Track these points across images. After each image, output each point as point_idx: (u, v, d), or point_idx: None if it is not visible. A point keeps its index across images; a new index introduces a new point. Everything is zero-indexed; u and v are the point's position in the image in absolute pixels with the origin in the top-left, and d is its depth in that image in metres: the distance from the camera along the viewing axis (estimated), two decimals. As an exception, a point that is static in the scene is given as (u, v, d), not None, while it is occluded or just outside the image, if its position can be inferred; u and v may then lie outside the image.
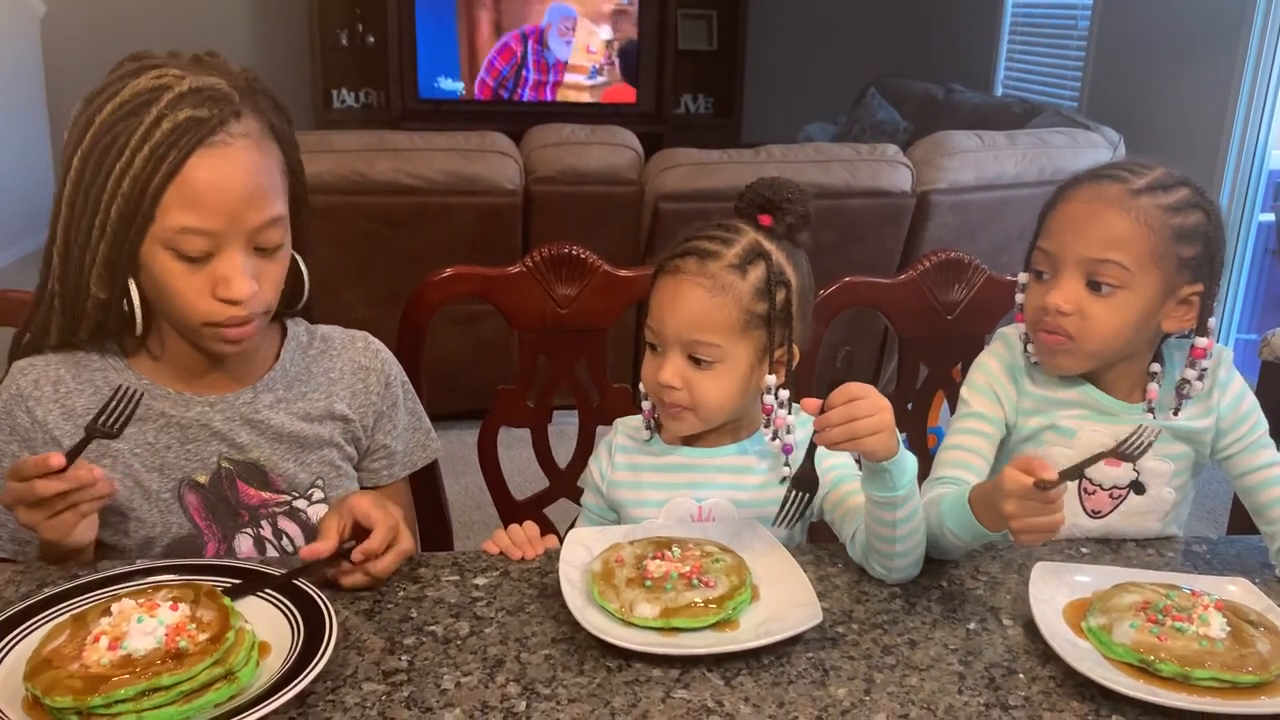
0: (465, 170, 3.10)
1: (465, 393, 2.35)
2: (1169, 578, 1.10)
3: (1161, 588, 1.05)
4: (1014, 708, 0.93)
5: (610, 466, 1.30)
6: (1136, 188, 1.15)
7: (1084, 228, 1.15)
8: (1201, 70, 4.03)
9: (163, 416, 1.19)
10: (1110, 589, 1.06)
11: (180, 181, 1.05)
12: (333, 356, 1.30)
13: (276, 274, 1.15)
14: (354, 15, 6.10)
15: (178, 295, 1.10)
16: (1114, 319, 1.16)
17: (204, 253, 1.08)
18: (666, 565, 1.05)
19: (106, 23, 5.94)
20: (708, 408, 1.20)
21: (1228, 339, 4.12)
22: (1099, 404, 1.24)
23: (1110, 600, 1.03)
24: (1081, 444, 1.24)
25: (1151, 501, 1.27)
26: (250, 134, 1.09)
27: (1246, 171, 3.90)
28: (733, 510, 1.24)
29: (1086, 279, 1.16)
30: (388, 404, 1.32)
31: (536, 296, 1.53)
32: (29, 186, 5.52)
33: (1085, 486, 1.27)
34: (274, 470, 1.23)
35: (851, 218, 3.29)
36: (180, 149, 1.04)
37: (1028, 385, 1.27)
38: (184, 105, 1.05)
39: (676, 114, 6.56)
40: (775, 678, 0.96)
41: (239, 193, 1.07)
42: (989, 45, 5.61)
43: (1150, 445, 1.05)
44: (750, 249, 1.18)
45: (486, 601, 1.08)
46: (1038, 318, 1.19)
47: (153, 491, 1.18)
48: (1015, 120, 4.21)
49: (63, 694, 0.83)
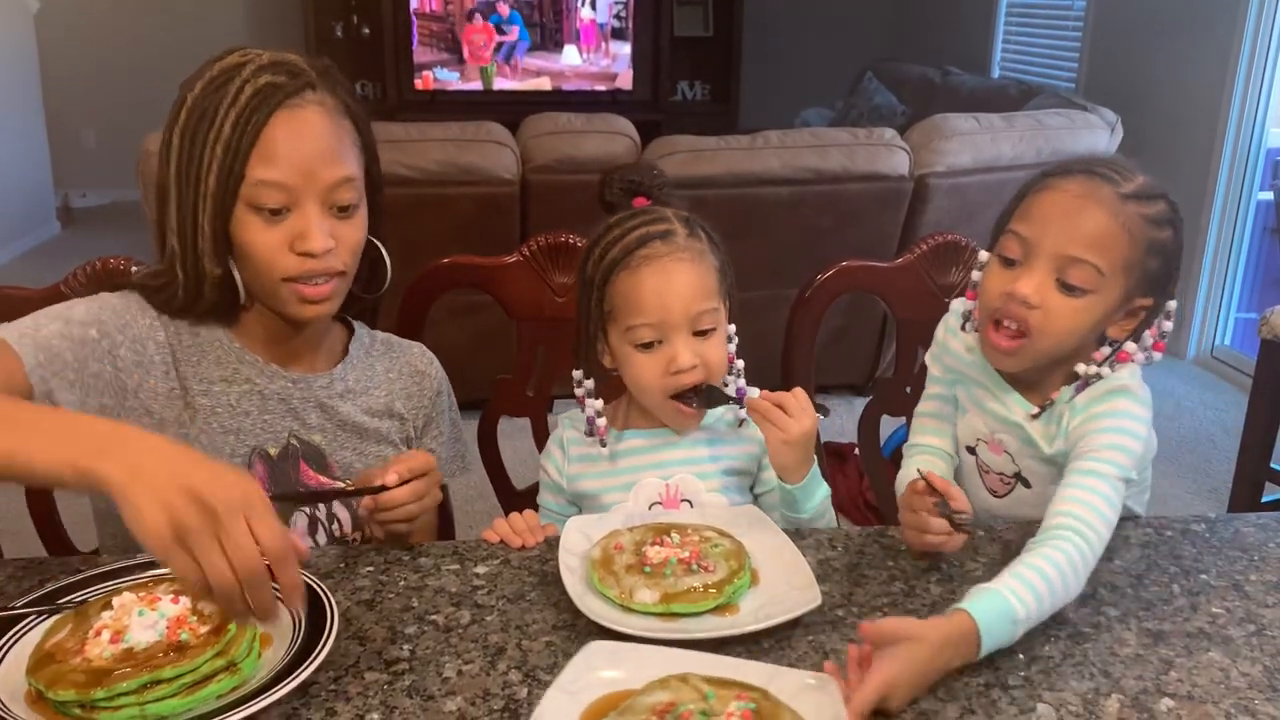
0: (462, 160, 3.10)
1: (464, 383, 2.34)
2: (741, 669, 0.91)
3: (711, 684, 0.86)
4: (1013, 687, 0.94)
5: (566, 461, 1.32)
6: (1125, 193, 1.11)
7: (1069, 221, 1.10)
8: (1199, 50, 4.02)
9: (248, 382, 1.23)
10: (653, 683, 0.87)
11: (262, 139, 1.12)
12: (393, 358, 1.36)
13: (352, 237, 1.19)
14: (349, 6, 6.10)
15: (259, 251, 1.14)
16: (1074, 320, 1.12)
17: (282, 205, 1.13)
18: (665, 551, 1.06)
19: (100, 17, 5.94)
20: (717, 378, 1.24)
21: (1226, 318, 4.12)
22: (991, 401, 1.24)
23: (636, 700, 0.85)
24: (967, 424, 1.28)
25: (1038, 496, 1.22)
26: (325, 104, 1.16)
27: (1245, 150, 3.90)
28: (698, 484, 1.27)
29: (1058, 275, 1.11)
30: (437, 411, 1.38)
31: (534, 286, 1.53)
32: (27, 183, 5.52)
33: (981, 465, 1.29)
34: (333, 456, 1.27)
35: (849, 202, 3.29)
36: (261, 111, 1.12)
37: (948, 357, 1.30)
38: (264, 74, 1.13)
39: (673, 101, 6.55)
40: (775, 661, 0.96)
41: (312, 149, 1.14)
42: (985, 27, 5.60)
43: (965, 532, 1.10)
44: (682, 217, 1.25)
45: (487, 590, 1.08)
46: (998, 304, 1.14)
47: (225, 455, 1.20)
48: (1012, 102, 4.20)
49: (65, 688, 0.84)
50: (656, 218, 1.24)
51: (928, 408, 1.34)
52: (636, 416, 1.31)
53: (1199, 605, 1.08)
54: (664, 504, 1.27)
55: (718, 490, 1.28)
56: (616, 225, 1.24)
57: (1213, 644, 1.01)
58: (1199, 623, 1.05)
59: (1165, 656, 0.99)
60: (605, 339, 1.26)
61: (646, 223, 1.23)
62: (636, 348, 1.22)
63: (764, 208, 3.26)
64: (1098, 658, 0.98)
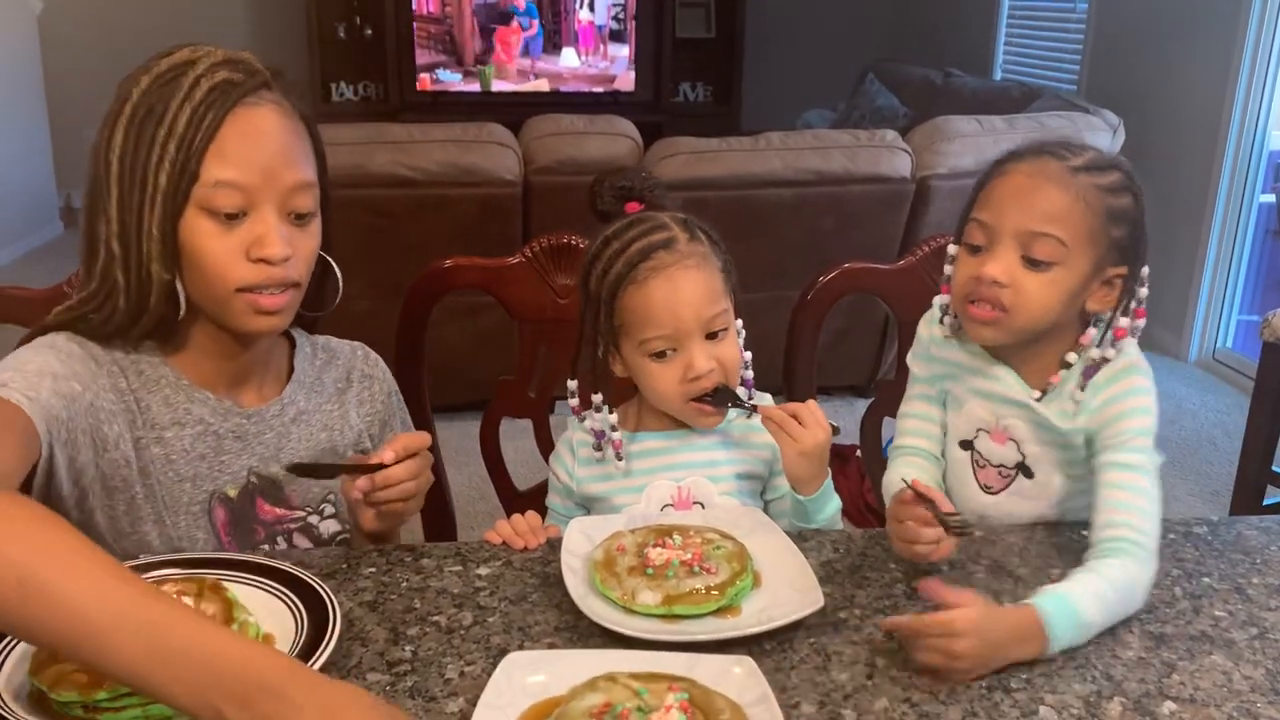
0: (464, 161, 3.10)
1: (467, 384, 2.35)
2: (660, 661, 0.93)
3: (640, 680, 0.87)
4: (1015, 690, 0.94)
5: (576, 464, 1.31)
6: (1075, 165, 1.15)
7: (1025, 200, 1.14)
8: (1201, 52, 4.02)
9: (200, 423, 1.16)
10: (582, 685, 0.87)
11: (218, 136, 1.06)
12: (338, 366, 1.31)
13: (308, 247, 1.14)
14: (351, 7, 6.09)
15: (211, 258, 1.08)
16: (1046, 294, 1.15)
17: (238, 208, 1.08)
18: (668, 553, 1.05)
19: (103, 16, 5.94)
20: (734, 377, 1.25)
21: (1228, 321, 4.12)
22: (992, 386, 1.25)
23: (570, 705, 0.85)
24: (967, 415, 1.27)
25: (1040, 487, 1.25)
26: (281, 105, 1.12)
27: (1247, 153, 3.89)
28: (711, 487, 1.26)
29: (1022, 252, 1.14)
30: (389, 413, 1.34)
31: (536, 287, 1.53)
32: (29, 183, 5.52)
33: (976, 459, 1.29)
34: (290, 485, 1.23)
35: (851, 204, 3.29)
36: (218, 108, 1.06)
37: (934, 350, 1.30)
38: (220, 70, 1.08)
39: (675, 102, 6.55)
40: (777, 663, 0.97)
41: (272, 148, 1.09)
42: (987, 29, 5.60)
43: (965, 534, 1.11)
44: (679, 220, 1.24)
45: (489, 591, 1.08)
46: (969, 289, 1.17)
47: (183, 503, 1.16)
48: (1014, 104, 4.20)
49: (68, 689, 0.84)
50: (655, 226, 1.22)
51: (912, 409, 1.34)
52: (649, 418, 1.30)
53: (1201, 608, 1.08)
54: (676, 506, 1.26)
55: (730, 494, 1.27)
56: (615, 238, 1.22)
57: (1215, 647, 1.01)
58: (1201, 626, 1.05)
59: (1167, 660, 0.99)
60: (618, 352, 1.25)
61: (646, 232, 1.21)
62: (651, 357, 1.22)
63: (766, 209, 3.26)
64: (1100, 661, 0.99)
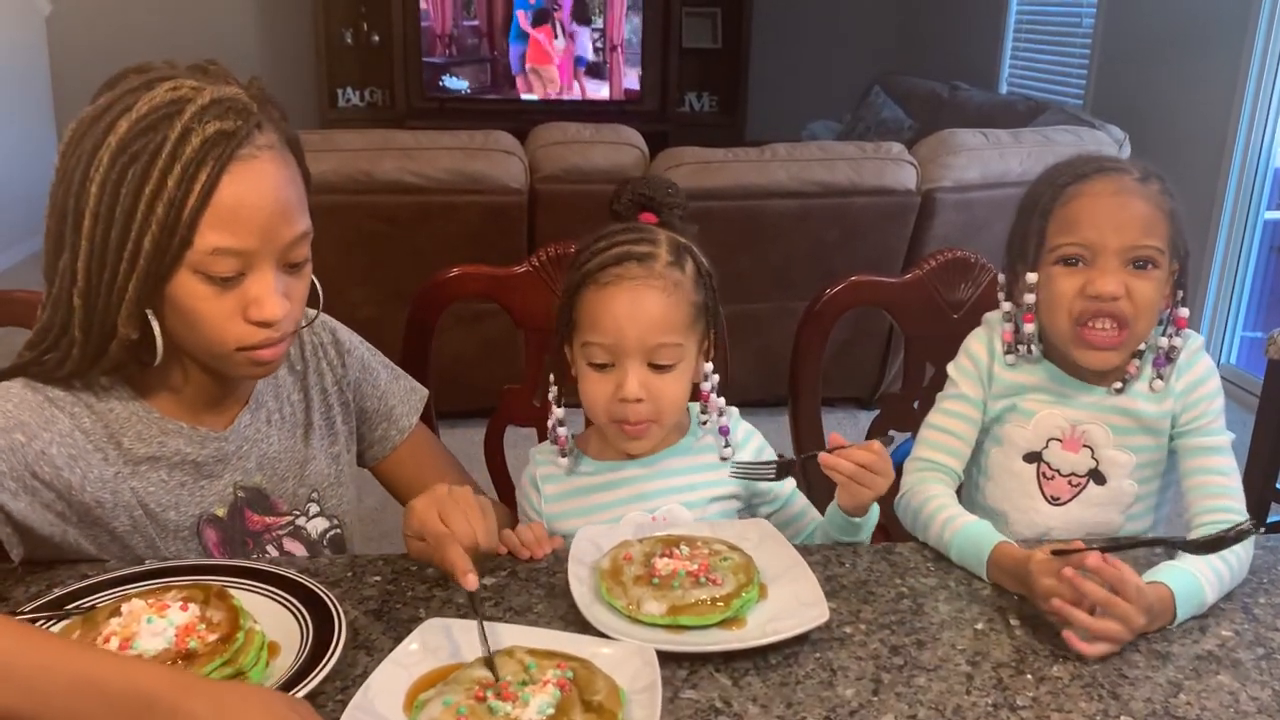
0: (470, 169, 3.11)
1: (471, 392, 2.35)
2: (572, 642, 0.96)
3: (535, 656, 0.91)
4: (1022, 708, 0.93)
5: (542, 501, 1.28)
6: (1138, 177, 1.22)
7: (1120, 218, 1.19)
8: (1207, 68, 4.02)
9: (177, 454, 1.13)
10: (480, 658, 0.91)
11: (214, 201, 0.99)
12: (300, 340, 1.27)
13: (302, 291, 1.11)
14: (359, 14, 6.11)
15: (206, 320, 1.04)
16: (1154, 298, 1.21)
17: (235, 273, 1.03)
18: (674, 563, 1.05)
19: (112, 21, 5.95)
20: (669, 413, 1.21)
21: (1232, 337, 4.11)
22: (1060, 389, 1.28)
23: (462, 673, 0.90)
24: (1039, 425, 1.28)
25: (1112, 493, 1.28)
26: (274, 145, 1.05)
27: (1252, 170, 3.89)
28: (686, 514, 1.23)
29: (1129, 265, 1.19)
30: (363, 368, 1.31)
31: (542, 296, 1.53)
32: (35, 185, 5.52)
33: (1044, 471, 1.29)
34: (274, 492, 1.21)
35: (856, 216, 3.29)
36: (212, 167, 0.98)
37: (997, 370, 1.31)
38: (209, 118, 0.99)
39: (681, 112, 6.56)
40: (783, 678, 0.96)
41: (272, 208, 1.03)
42: (994, 43, 5.61)
43: (1244, 537, 1.08)
44: (674, 243, 1.20)
45: (494, 601, 1.08)
46: (1081, 306, 1.20)
47: (170, 530, 1.13)
48: (1020, 118, 4.20)
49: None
50: (644, 238, 1.19)
51: (947, 424, 1.33)
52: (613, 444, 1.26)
53: (1208, 627, 1.08)
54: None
55: (707, 518, 1.24)
56: (605, 237, 1.20)
57: (1222, 667, 1.01)
58: (1208, 645, 1.05)
59: (1174, 679, 0.99)
60: (570, 348, 1.23)
61: (632, 241, 1.18)
62: (590, 365, 1.19)
63: (771, 220, 3.26)
64: (1106, 679, 0.98)
